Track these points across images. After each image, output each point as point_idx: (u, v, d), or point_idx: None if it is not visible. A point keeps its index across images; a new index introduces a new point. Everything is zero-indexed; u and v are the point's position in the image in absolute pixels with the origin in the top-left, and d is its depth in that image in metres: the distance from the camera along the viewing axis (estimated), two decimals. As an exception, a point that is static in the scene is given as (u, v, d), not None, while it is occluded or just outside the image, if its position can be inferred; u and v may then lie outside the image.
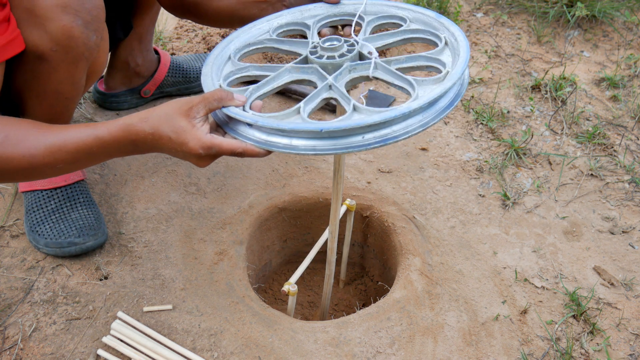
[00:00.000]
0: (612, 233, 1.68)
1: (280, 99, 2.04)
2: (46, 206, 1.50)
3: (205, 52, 2.19)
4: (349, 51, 1.14)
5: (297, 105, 1.03)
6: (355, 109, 1.03)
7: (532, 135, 1.96)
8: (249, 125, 1.03)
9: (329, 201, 1.68)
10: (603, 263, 1.60)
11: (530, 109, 2.10)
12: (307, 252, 1.51)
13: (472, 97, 2.13)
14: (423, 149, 1.90)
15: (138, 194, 1.66)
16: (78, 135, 1.06)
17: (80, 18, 1.18)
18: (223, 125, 1.08)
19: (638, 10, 2.63)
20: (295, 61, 1.15)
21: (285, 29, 1.31)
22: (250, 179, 1.72)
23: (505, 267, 1.56)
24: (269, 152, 1.05)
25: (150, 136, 1.05)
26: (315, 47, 1.17)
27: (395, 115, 0.97)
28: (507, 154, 1.90)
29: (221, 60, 1.21)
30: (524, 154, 1.91)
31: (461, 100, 2.12)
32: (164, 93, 1.98)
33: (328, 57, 1.13)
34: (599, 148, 1.96)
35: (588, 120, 2.08)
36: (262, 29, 1.30)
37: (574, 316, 1.46)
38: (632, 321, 1.46)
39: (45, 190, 1.51)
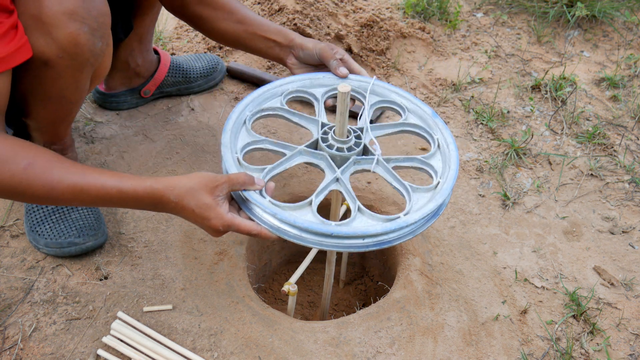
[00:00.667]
0: (612, 233, 1.69)
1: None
2: (46, 206, 1.50)
3: (205, 52, 2.19)
4: (356, 144, 1.27)
5: (310, 199, 1.17)
6: (359, 209, 1.18)
7: (532, 135, 1.96)
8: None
9: (329, 201, 1.68)
10: (603, 263, 1.60)
11: (530, 109, 2.10)
12: (307, 252, 1.51)
13: (472, 97, 2.13)
14: (423, 149, 1.90)
15: (138, 194, 1.66)
16: (102, 182, 1.13)
17: (86, 25, 1.19)
18: (239, 202, 1.20)
19: (638, 10, 2.63)
20: (306, 144, 1.27)
21: (294, 95, 1.42)
22: (250, 179, 1.72)
23: (505, 267, 1.56)
24: (279, 237, 1.16)
25: (173, 204, 1.15)
26: (325, 132, 1.29)
27: (394, 228, 1.14)
28: (507, 154, 1.90)
29: (238, 125, 1.31)
30: (524, 154, 1.91)
31: (461, 100, 2.12)
32: (164, 93, 1.98)
33: (338, 149, 1.25)
34: (599, 148, 1.96)
35: (588, 120, 2.08)
36: (274, 93, 1.40)
37: (574, 316, 1.46)
38: (632, 321, 1.46)
39: (45, 190, 1.51)
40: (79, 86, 1.31)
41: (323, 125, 1.32)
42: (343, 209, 1.60)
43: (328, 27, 2.22)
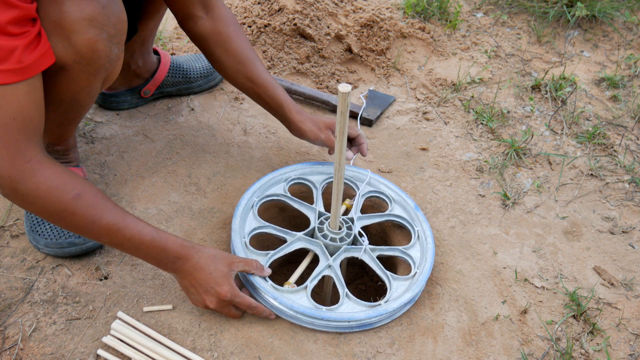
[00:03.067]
0: (612, 233, 1.68)
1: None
2: (46, 206, 1.50)
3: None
4: (348, 235, 1.47)
5: (305, 284, 1.37)
6: (347, 295, 1.36)
7: (532, 135, 1.96)
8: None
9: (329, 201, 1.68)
10: (603, 263, 1.60)
11: (530, 109, 2.10)
12: (307, 252, 1.51)
13: (472, 97, 2.13)
14: (423, 149, 1.90)
15: (138, 194, 1.66)
16: (140, 228, 1.24)
17: (105, 32, 1.20)
18: (245, 283, 1.38)
19: (638, 10, 2.63)
20: (304, 232, 1.47)
21: (296, 181, 1.62)
22: (250, 178, 1.72)
23: (505, 267, 1.56)
24: (276, 315, 1.35)
25: (194, 263, 1.28)
26: (322, 222, 1.48)
27: (375, 315, 1.33)
28: (507, 154, 1.90)
29: (246, 210, 1.52)
30: (524, 154, 1.91)
31: (461, 100, 2.12)
32: (164, 93, 1.98)
33: (331, 239, 1.45)
34: (599, 148, 1.96)
35: (588, 120, 2.08)
36: (278, 180, 1.61)
37: (574, 316, 1.46)
38: (632, 321, 1.46)
39: (46, 190, 1.51)
40: (91, 90, 1.32)
41: (320, 214, 1.51)
42: (343, 208, 1.60)
43: (328, 27, 2.22)
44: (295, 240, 1.46)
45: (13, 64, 1.07)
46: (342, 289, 1.37)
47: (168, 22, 2.37)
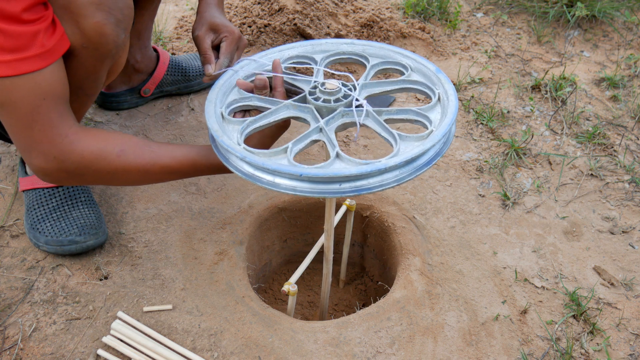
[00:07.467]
0: (612, 233, 1.69)
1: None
2: (47, 204, 1.50)
3: (205, 52, 2.19)
4: (345, 97, 1.20)
5: (286, 145, 1.11)
6: (338, 155, 1.10)
7: (532, 135, 1.96)
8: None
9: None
10: (603, 263, 1.60)
11: (530, 109, 2.10)
12: (307, 252, 1.51)
13: (472, 97, 2.13)
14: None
15: (138, 194, 1.66)
16: (192, 159, 1.25)
17: (112, 16, 1.21)
18: (213, 147, 1.20)
19: (638, 10, 2.63)
20: (294, 98, 1.22)
21: (295, 60, 1.37)
22: (250, 178, 1.72)
23: (505, 267, 1.56)
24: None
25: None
26: (315, 87, 1.23)
27: (371, 170, 1.05)
28: (507, 154, 1.90)
29: (228, 86, 1.30)
30: (524, 154, 1.91)
31: (461, 100, 2.12)
32: (164, 92, 1.98)
33: (324, 101, 1.19)
34: (599, 148, 1.96)
35: (588, 120, 2.08)
36: (273, 58, 1.35)
37: (574, 316, 1.46)
38: (632, 321, 1.46)
39: (47, 188, 1.51)
40: (97, 78, 1.33)
41: (316, 82, 1.27)
42: (343, 208, 1.60)
43: (328, 27, 2.22)
44: (281, 108, 1.21)
45: (38, 48, 1.09)
46: (333, 149, 1.12)
47: (168, 22, 2.37)
